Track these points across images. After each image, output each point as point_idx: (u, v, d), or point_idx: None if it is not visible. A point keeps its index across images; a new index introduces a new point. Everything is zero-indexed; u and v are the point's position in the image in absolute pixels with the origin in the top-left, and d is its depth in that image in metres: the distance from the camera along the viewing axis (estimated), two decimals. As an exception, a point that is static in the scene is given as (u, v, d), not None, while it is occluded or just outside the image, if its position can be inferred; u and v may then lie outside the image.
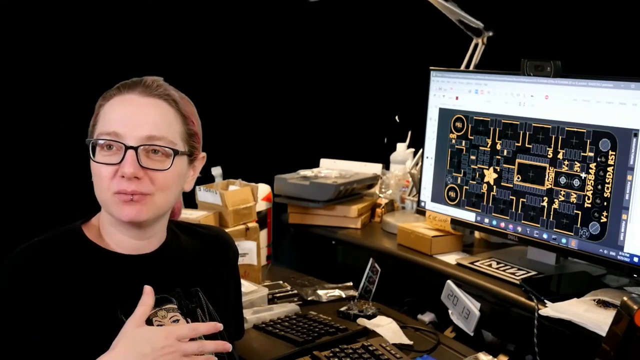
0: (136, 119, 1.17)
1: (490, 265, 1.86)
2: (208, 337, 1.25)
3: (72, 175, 1.32)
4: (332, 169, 2.47)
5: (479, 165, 1.93)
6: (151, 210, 1.19)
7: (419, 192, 2.13)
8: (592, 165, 1.65)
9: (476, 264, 1.87)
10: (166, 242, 1.29)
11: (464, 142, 1.97)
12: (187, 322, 1.25)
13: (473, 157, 1.95)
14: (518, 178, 1.83)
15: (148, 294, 1.14)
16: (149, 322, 1.19)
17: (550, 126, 1.74)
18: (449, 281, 1.84)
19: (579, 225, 1.69)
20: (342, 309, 1.84)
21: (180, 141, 1.22)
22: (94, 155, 1.17)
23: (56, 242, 1.20)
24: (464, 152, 1.97)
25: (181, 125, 1.23)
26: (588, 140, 1.66)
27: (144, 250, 1.25)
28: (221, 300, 1.35)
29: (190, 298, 1.28)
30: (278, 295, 1.93)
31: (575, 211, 1.70)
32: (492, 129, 1.89)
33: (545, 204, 1.76)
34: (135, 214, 1.17)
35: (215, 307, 1.32)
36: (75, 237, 1.22)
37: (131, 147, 1.15)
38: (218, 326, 1.15)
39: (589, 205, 1.66)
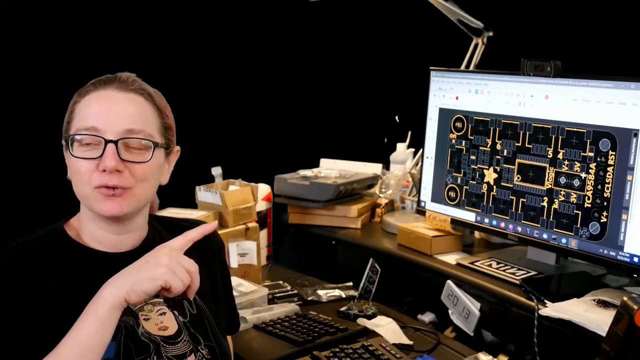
0: (114, 113, 1.18)
1: (490, 265, 1.86)
2: (196, 324, 1.27)
3: (54, 174, 1.31)
4: (332, 169, 2.47)
5: (479, 165, 1.93)
6: (132, 203, 1.20)
7: (419, 192, 2.14)
8: (592, 165, 1.65)
9: (476, 264, 1.87)
10: (147, 237, 1.30)
11: (464, 142, 1.97)
12: (174, 314, 1.26)
13: (473, 157, 1.95)
14: (518, 178, 1.83)
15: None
16: (133, 314, 1.20)
17: (550, 126, 1.75)
18: (449, 281, 1.84)
19: (579, 225, 1.69)
20: (342, 309, 1.84)
21: (157, 134, 1.24)
22: (72, 151, 1.18)
23: (39, 242, 1.21)
24: (464, 152, 1.97)
25: (157, 119, 1.25)
26: (588, 140, 1.66)
27: (124, 246, 1.25)
28: (208, 291, 1.35)
29: None
30: (278, 295, 1.93)
31: (575, 211, 1.70)
32: (492, 129, 1.89)
33: (545, 204, 1.76)
34: (118, 208, 1.18)
35: (203, 299, 1.32)
36: (57, 236, 1.23)
37: (111, 141, 1.17)
38: (213, 225, 1.19)
39: (589, 205, 1.66)
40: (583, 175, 1.67)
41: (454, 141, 2.00)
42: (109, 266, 1.17)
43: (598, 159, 1.64)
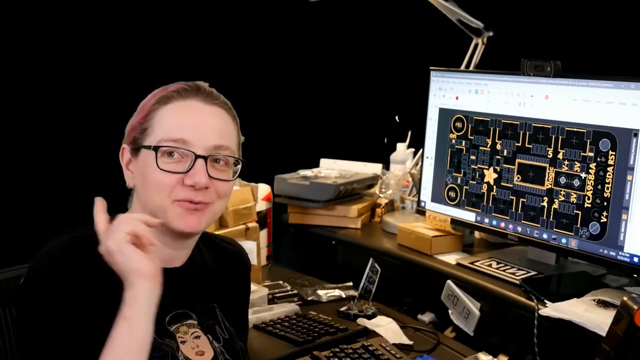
0: (204, 127, 1.16)
1: (490, 265, 1.86)
2: (229, 350, 1.24)
3: (52, 174, 1.30)
4: (332, 169, 2.47)
5: (479, 165, 1.93)
6: (210, 219, 1.18)
7: (419, 192, 2.14)
8: (592, 165, 1.65)
9: (476, 264, 1.87)
10: (192, 255, 1.26)
11: (464, 142, 1.97)
12: (208, 338, 1.23)
13: (473, 157, 1.95)
14: (518, 178, 1.83)
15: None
16: (172, 336, 1.17)
17: (550, 126, 1.74)
18: (449, 281, 1.84)
19: (579, 225, 1.69)
20: (342, 309, 1.84)
21: (237, 150, 1.22)
22: (157, 161, 1.13)
23: (89, 242, 1.11)
24: (464, 152, 1.97)
25: (237, 135, 1.24)
26: (588, 140, 1.66)
27: (173, 262, 1.21)
28: (238, 315, 1.33)
29: (208, 314, 1.25)
30: (278, 295, 1.93)
31: (575, 211, 1.70)
32: (492, 129, 1.89)
33: (545, 204, 1.76)
34: (197, 224, 1.16)
35: (231, 323, 1.29)
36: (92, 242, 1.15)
37: (201, 157, 1.14)
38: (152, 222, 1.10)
39: (589, 205, 1.66)
40: (583, 175, 1.67)
41: (454, 141, 2.00)
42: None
43: (598, 159, 1.64)
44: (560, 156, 1.72)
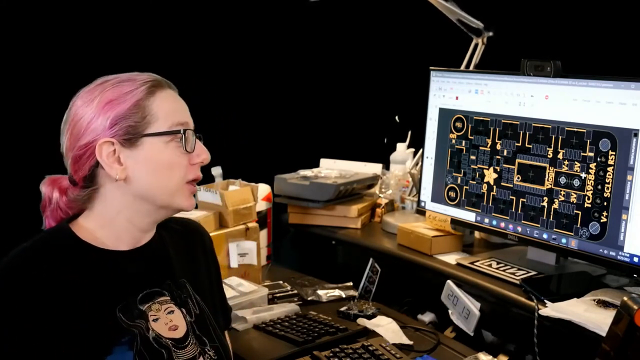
0: (187, 110, 1.25)
1: (490, 265, 1.86)
2: (200, 325, 1.27)
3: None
4: (332, 169, 2.47)
5: (479, 165, 1.93)
6: None
7: (419, 192, 2.14)
8: (592, 165, 1.65)
9: (476, 264, 1.87)
10: (154, 235, 1.30)
11: (464, 142, 1.97)
12: (182, 312, 1.26)
13: (473, 157, 1.95)
14: (518, 178, 1.83)
15: None
16: (144, 315, 1.19)
17: (550, 126, 1.75)
18: (449, 281, 1.84)
19: (579, 225, 1.69)
20: (342, 309, 1.84)
21: None
22: (168, 144, 1.20)
23: (48, 244, 1.19)
24: (464, 152, 1.97)
25: None
26: (588, 140, 1.66)
27: (139, 243, 1.26)
28: (206, 289, 1.36)
29: (180, 289, 1.28)
30: (278, 295, 1.93)
31: (575, 211, 1.70)
32: (492, 129, 1.89)
33: (545, 204, 1.76)
34: (193, 201, 1.26)
35: (202, 297, 1.32)
36: (66, 238, 1.21)
37: (199, 136, 1.23)
38: None
39: (589, 205, 1.66)
40: (583, 175, 1.67)
41: (454, 141, 2.00)
42: (121, 264, 1.21)
43: (598, 159, 1.64)
44: (560, 156, 1.72)
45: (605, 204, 1.63)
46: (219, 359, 1.28)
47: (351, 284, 2.04)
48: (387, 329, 1.72)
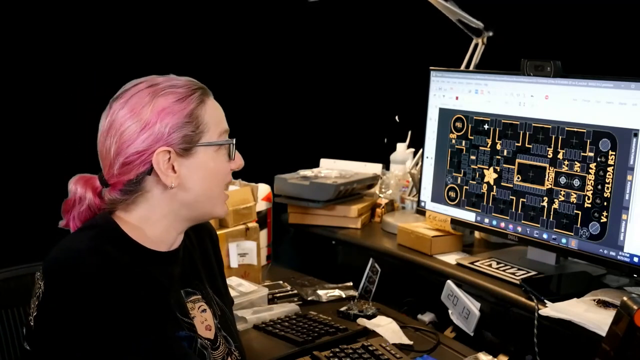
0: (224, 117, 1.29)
1: (490, 265, 1.86)
2: (224, 326, 1.29)
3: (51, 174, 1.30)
4: (332, 169, 2.47)
5: (479, 165, 1.93)
6: None
7: (419, 192, 2.13)
8: (592, 165, 1.65)
9: (476, 264, 1.87)
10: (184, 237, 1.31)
11: (464, 142, 1.97)
12: (212, 311, 1.27)
13: (473, 157, 1.95)
14: (518, 178, 1.83)
15: None
16: (189, 316, 1.21)
17: (550, 126, 1.75)
18: (449, 281, 1.84)
19: (579, 225, 1.69)
20: (342, 309, 1.84)
21: None
22: (221, 153, 1.24)
23: (108, 238, 1.15)
24: (464, 152, 1.97)
25: None
26: (588, 140, 1.66)
27: (174, 245, 1.26)
28: (221, 287, 1.38)
29: (206, 290, 1.30)
30: (278, 295, 1.93)
31: (575, 211, 1.70)
32: (492, 129, 1.89)
33: (545, 204, 1.76)
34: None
35: (219, 297, 1.34)
36: (116, 234, 1.18)
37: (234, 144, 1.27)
38: None
39: (589, 205, 1.66)
40: (583, 175, 1.67)
41: (454, 141, 2.00)
42: (164, 263, 1.22)
43: (598, 159, 1.64)
44: (560, 156, 1.72)
45: (605, 204, 1.63)
46: (242, 359, 1.29)
47: (351, 284, 2.04)
48: (387, 329, 1.72)
